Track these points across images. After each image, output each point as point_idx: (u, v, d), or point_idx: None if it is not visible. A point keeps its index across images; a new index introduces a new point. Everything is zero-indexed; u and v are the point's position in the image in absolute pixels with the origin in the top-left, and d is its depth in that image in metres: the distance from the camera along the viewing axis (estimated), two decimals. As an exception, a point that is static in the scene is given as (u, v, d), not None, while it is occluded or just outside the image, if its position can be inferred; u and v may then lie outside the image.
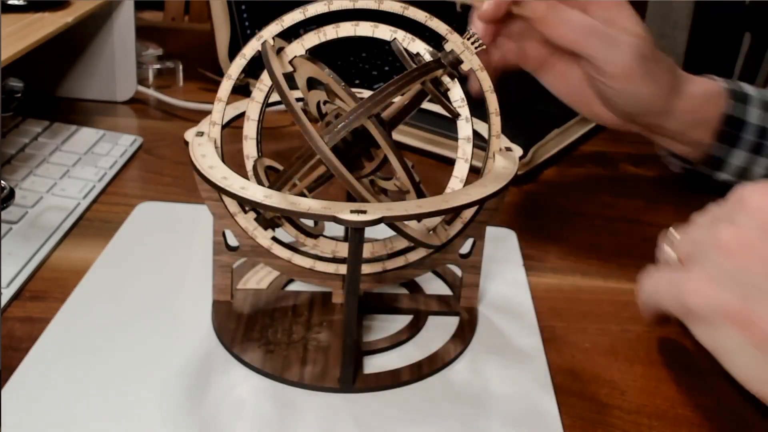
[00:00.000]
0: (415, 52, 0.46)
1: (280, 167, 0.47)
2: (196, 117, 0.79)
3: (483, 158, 0.48)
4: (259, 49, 0.45)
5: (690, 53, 1.80)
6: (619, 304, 0.55)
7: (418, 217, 0.42)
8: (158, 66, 0.91)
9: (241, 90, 0.78)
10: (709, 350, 0.40)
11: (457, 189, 0.45)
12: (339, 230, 0.55)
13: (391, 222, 0.41)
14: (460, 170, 0.46)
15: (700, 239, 0.41)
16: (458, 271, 0.52)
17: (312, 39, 0.45)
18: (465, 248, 0.50)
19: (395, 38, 0.46)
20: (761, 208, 0.39)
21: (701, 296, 0.39)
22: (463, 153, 0.46)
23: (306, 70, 0.46)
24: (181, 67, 0.91)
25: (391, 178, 0.51)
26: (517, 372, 0.47)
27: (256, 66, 0.45)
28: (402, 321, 0.51)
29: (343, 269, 0.49)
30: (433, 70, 0.45)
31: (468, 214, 0.49)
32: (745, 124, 0.63)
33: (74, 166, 0.67)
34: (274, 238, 0.48)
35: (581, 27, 0.53)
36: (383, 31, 0.45)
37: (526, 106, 0.82)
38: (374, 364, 0.47)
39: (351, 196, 0.46)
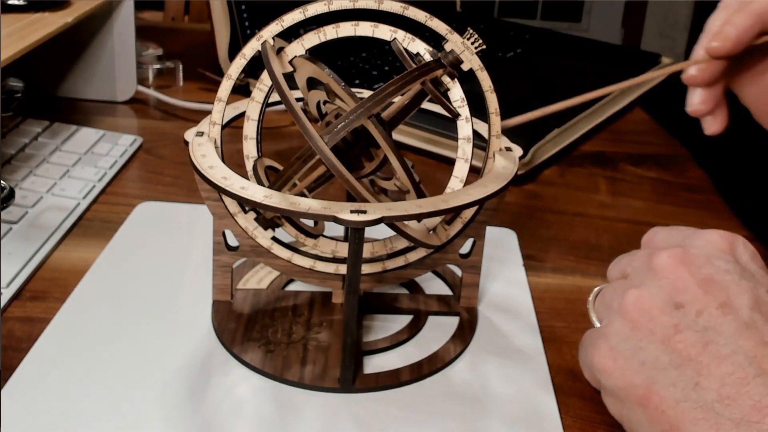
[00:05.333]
0: (415, 52, 0.46)
1: (280, 167, 0.47)
2: (196, 117, 0.79)
3: (483, 158, 0.48)
4: (259, 49, 0.45)
5: (690, 53, 1.80)
6: (619, 304, 0.55)
7: (418, 217, 0.42)
8: (158, 66, 0.91)
9: (241, 90, 0.79)
10: (616, 419, 0.41)
11: (457, 189, 0.45)
12: (339, 230, 0.55)
13: (391, 222, 0.41)
14: (460, 170, 0.46)
15: (609, 302, 0.42)
16: (458, 271, 0.52)
17: (312, 39, 0.45)
18: (465, 248, 0.50)
19: (395, 38, 0.46)
20: (669, 278, 0.39)
21: (608, 375, 0.39)
22: (463, 153, 0.46)
23: (306, 70, 0.46)
24: (181, 67, 0.91)
25: (391, 178, 0.51)
26: (517, 372, 0.47)
27: (256, 66, 0.45)
28: (402, 321, 0.51)
29: (343, 269, 0.49)
30: (433, 70, 0.45)
31: (468, 214, 0.49)
32: None
33: (74, 166, 0.67)
34: (274, 238, 0.48)
35: None
36: (383, 31, 0.45)
37: (526, 106, 0.82)
38: (374, 364, 0.47)
39: (351, 196, 0.46)
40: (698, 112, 0.54)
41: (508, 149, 0.49)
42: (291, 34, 0.45)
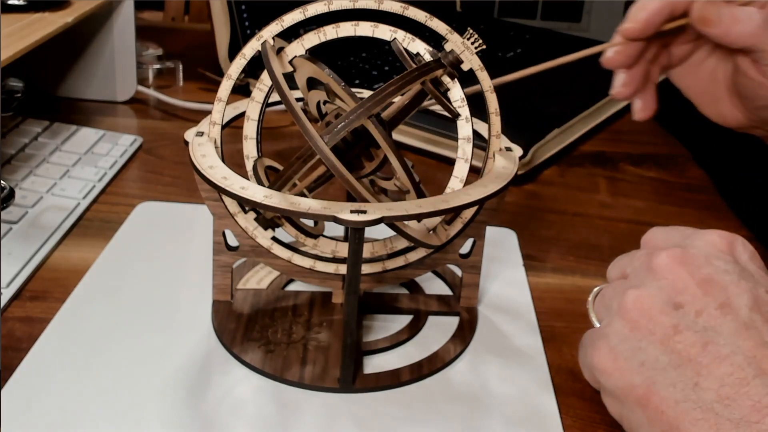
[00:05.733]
0: (415, 52, 0.46)
1: (280, 167, 0.47)
2: (196, 117, 0.79)
3: (483, 158, 0.48)
4: (259, 49, 0.45)
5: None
6: (619, 304, 0.55)
7: (418, 217, 0.42)
8: (158, 66, 0.91)
9: (241, 90, 0.79)
10: (616, 419, 0.41)
11: (457, 189, 0.45)
12: (339, 230, 0.55)
13: (391, 222, 0.41)
14: (460, 170, 0.46)
15: (609, 302, 0.42)
16: (458, 271, 0.52)
17: (312, 39, 0.45)
18: (465, 248, 0.50)
19: (395, 38, 0.46)
20: (668, 278, 0.39)
21: (608, 375, 0.39)
22: (463, 153, 0.46)
23: (306, 70, 0.46)
24: (181, 67, 0.91)
25: (391, 178, 0.51)
26: (517, 372, 0.47)
27: (256, 66, 0.45)
28: (402, 321, 0.51)
29: (343, 269, 0.49)
30: (433, 70, 0.45)
31: (468, 214, 0.49)
32: None
33: (74, 166, 0.67)
34: (274, 238, 0.48)
35: (760, 22, 0.50)
36: (383, 31, 0.45)
37: (526, 106, 0.82)
38: (374, 364, 0.47)
39: (351, 196, 0.46)
40: (620, 95, 0.55)
41: (508, 149, 0.49)
42: (291, 34, 0.45)
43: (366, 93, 0.50)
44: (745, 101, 0.54)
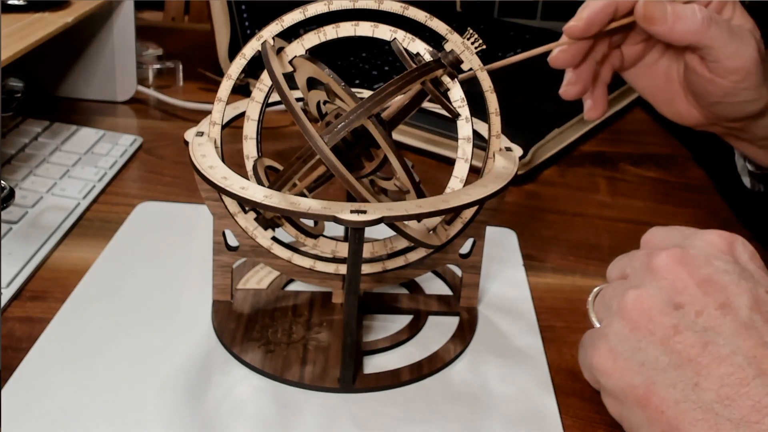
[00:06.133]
0: (415, 52, 0.46)
1: (280, 167, 0.47)
2: (196, 117, 0.79)
3: (483, 158, 0.48)
4: (259, 49, 0.45)
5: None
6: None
7: (418, 217, 0.42)
8: (158, 66, 0.91)
9: (241, 90, 0.79)
10: (616, 419, 0.41)
11: (457, 189, 0.45)
12: (339, 230, 0.55)
13: (391, 222, 0.41)
14: (460, 170, 0.46)
15: (609, 302, 0.42)
16: (458, 271, 0.52)
17: (312, 39, 0.45)
18: (465, 248, 0.50)
19: (395, 38, 0.46)
20: (668, 279, 0.39)
21: (608, 376, 0.39)
22: (463, 153, 0.46)
23: (306, 70, 0.46)
24: (181, 67, 0.91)
25: (391, 178, 0.51)
26: (517, 372, 0.47)
27: (256, 66, 0.45)
28: (402, 321, 0.51)
29: (343, 269, 0.49)
30: (433, 70, 0.45)
31: (468, 214, 0.49)
32: None
33: (74, 166, 0.67)
34: (274, 238, 0.48)
35: (703, 19, 0.50)
36: (383, 31, 0.45)
37: (526, 106, 0.82)
38: (374, 364, 0.47)
39: (351, 196, 0.46)
40: (565, 94, 0.56)
41: (508, 149, 0.49)
42: (291, 34, 0.45)
43: (366, 93, 0.50)
44: (699, 99, 0.55)
